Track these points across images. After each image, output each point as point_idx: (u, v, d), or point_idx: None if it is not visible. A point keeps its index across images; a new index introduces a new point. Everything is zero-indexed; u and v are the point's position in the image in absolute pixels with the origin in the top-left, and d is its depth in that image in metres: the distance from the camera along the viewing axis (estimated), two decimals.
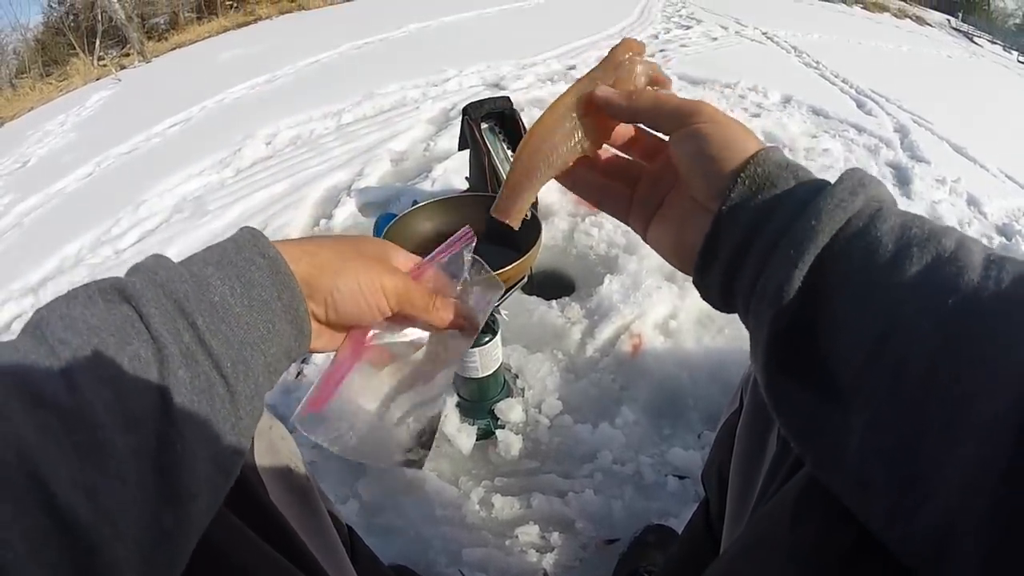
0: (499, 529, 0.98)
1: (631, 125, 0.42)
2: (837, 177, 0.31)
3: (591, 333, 1.30)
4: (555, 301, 1.41)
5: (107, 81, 5.80)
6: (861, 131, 2.52)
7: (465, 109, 1.57)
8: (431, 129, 2.69)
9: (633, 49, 0.40)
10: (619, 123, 0.41)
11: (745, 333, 0.34)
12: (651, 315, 1.31)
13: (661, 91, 0.39)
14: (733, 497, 0.48)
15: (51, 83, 6.64)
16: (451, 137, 2.35)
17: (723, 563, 0.38)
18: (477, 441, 1.10)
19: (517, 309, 1.37)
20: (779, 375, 0.31)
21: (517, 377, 1.22)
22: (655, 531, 0.91)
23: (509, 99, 1.63)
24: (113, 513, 0.26)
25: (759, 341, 0.32)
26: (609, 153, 0.43)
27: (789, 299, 0.30)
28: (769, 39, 4.43)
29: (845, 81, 3.31)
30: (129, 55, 6.93)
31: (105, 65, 6.72)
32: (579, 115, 0.40)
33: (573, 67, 3.48)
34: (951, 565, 0.24)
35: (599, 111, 0.39)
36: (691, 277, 0.37)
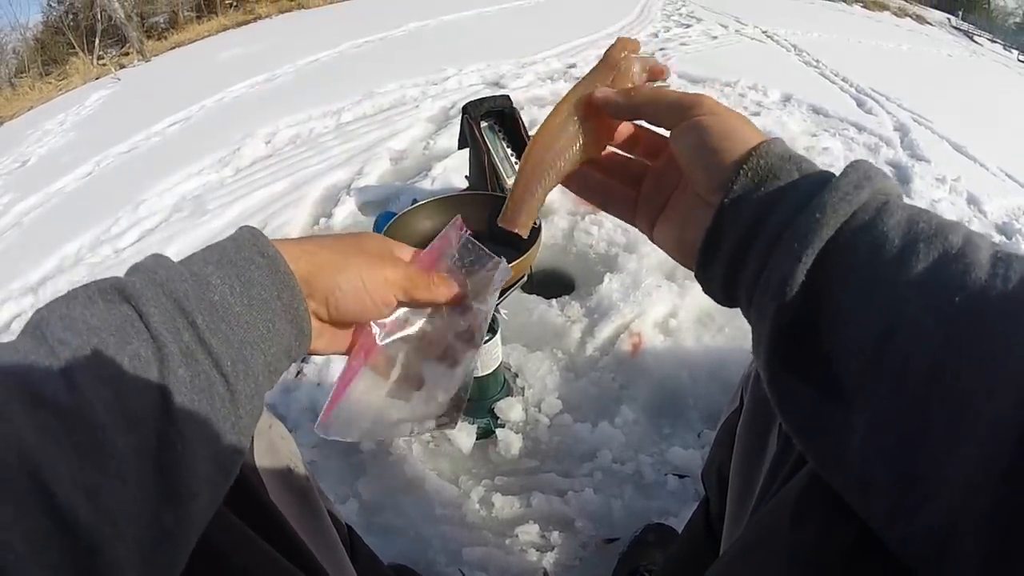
0: (499, 528, 0.98)
1: (632, 124, 0.42)
2: (842, 169, 0.31)
3: (591, 332, 1.30)
4: (555, 300, 1.41)
5: (106, 80, 5.79)
6: (861, 130, 2.52)
7: (465, 108, 1.57)
8: (431, 128, 2.68)
9: (628, 47, 0.40)
10: (621, 123, 0.41)
11: (745, 332, 0.34)
12: (651, 314, 1.31)
13: (660, 86, 0.39)
14: (733, 497, 0.48)
15: (50, 82, 6.63)
16: (451, 136, 2.34)
17: (723, 563, 0.38)
18: (477, 440, 1.10)
19: (517, 308, 1.37)
20: (782, 371, 0.31)
21: (517, 376, 1.22)
22: (655, 530, 0.91)
23: (509, 98, 1.63)
24: (114, 513, 0.26)
25: (762, 336, 0.32)
26: (611, 153, 0.43)
27: (793, 293, 0.29)
28: (769, 37, 4.43)
29: (845, 80, 3.30)
30: (128, 54, 6.93)
31: (104, 64, 6.72)
32: (580, 119, 0.40)
33: (573, 65, 3.48)
34: (951, 565, 0.24)
35: (599, 112, 0.39)
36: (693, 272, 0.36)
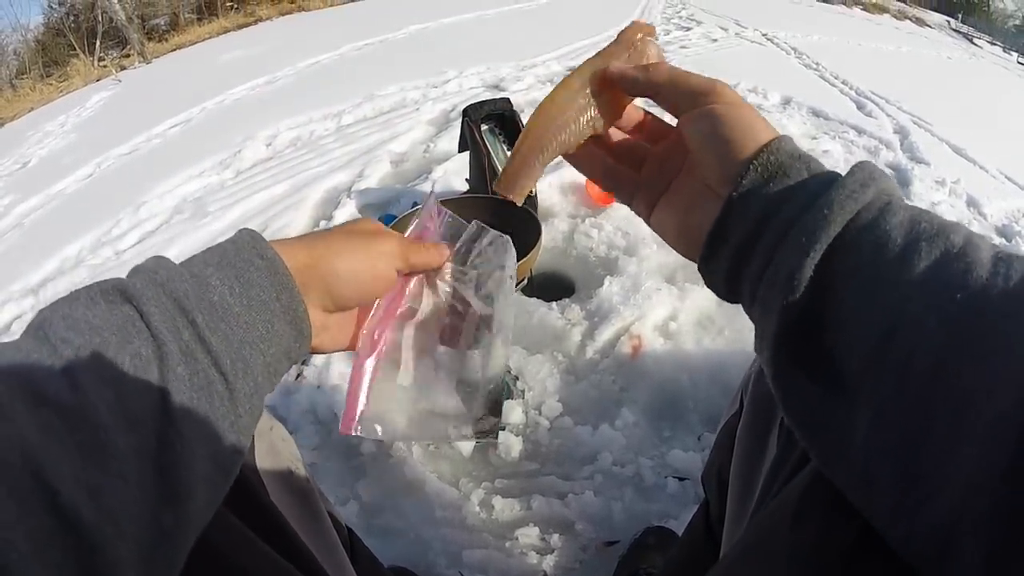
0: (499, 531, 0.98)
1: (640, 109, 0.42)
2: (848, 169, 0.31)
3: (591, 335, 1.30)
4: (555, 303, 1.41)
5: (107, 82, 5.81)
6: (861, 132, 2.53)
7: (465, 111, 1.57)
8: (431, 130, 2.69)
9: (644, 31, 0.40)
10: (631, 101, 0.41)
11: (745, 335, 0.34)
12: (651, 317, 1.31)
13: (677, 67, 0.38)
14: (733, 499, 0.48)
15: (51, 84, 6.65)
16: (451, 139, 2.35)
17: (724, 566, 0.38)
18: (477, 443, 1.10)
19: (517, 311, 1.37)
20: (788, 366, 0.31)
21: (517, 379, 1.22)
22: (655, 533, 0.91)
23: (509, 100, 1.63)
24: (115, 513, 0.26)
25: (767, 331, 0.32)
26: (617, 135, 0.43)
27: (800, 288, 0.29)
28: (769, 40, 4.44)
29: (845, 82, 3.31)
30: (129, 56, 6.95)
31: (105, 66, 6.73)
32: (592, 92, 0.39)
33: (573, 68, 3.48)
34: (954, 564, 0.24)
35: (612, 88, 0.39)
36: (695, 263, 0.36)
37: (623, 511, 0.97)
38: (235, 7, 8.34)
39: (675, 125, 0.40)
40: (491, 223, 0.47)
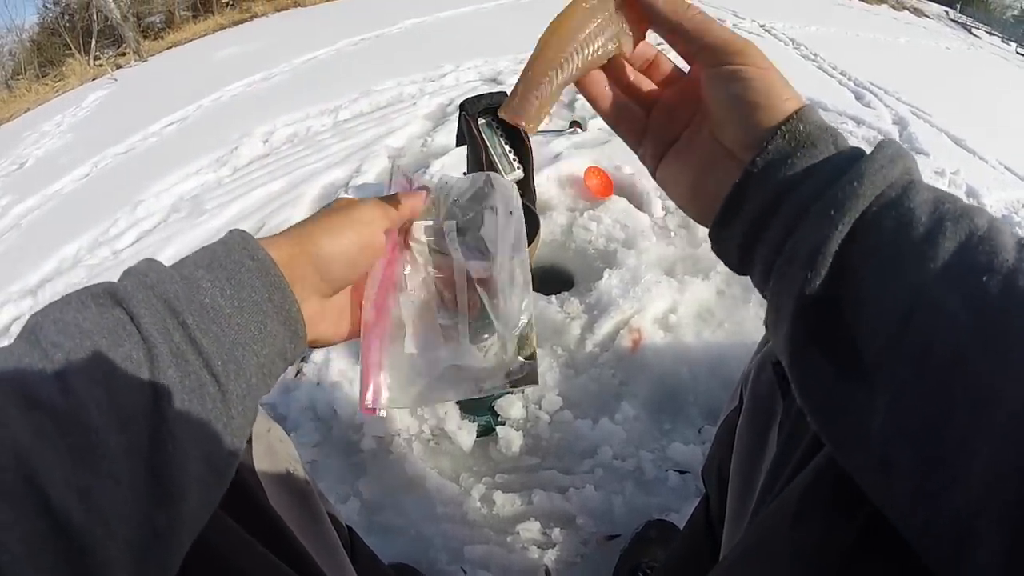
0: (500, 526, 0.98)
1: (652, 46, 0.39)
2: (876, 144, 0.30)
3: (590, 328, 1.30)
4: (554, 296, 1.41)
5: (103, 81, 5.79)
6: (860, 123, 2.51)
7: (462, 105, 1.56)
8: (428, 125, 2.68)
9: None
10: (648, 27, 0.37)
11: (745, 327, 0.33)
12: (650, 309, 1.31)
13: (709, 16, 0.35)
14: (733, 496, 0.48)
15: (47, 84, 6.63)
16: (448, 133, 2.34)
17: (725, 567, 0.38)
18: (477, 438, 1.10)
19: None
20: (807, 343, 0.30)
21: None
22: (656, 526, 0.91)
23: (506, 94, 1.62)
24: (105, 513, 0.26)
25: (783, 307, 0.30)
26: (629, 70, 0.39)
27: (824, 263, 0.28)
28: (767, 31, 4.41)
29: (843, 73, 3.29)
30: (125, 54, 6.93)
31: (101, 65, 6.71)
32: (617, 3, 0.35)
33: None
34: (973, 554, 0.23)
35: (633, 7, 0.36)
36: (705, 226, 0.35)
37: (624, 505, 0.97)
38: (231, 4, 8.30)
39: (688, 72, 0.38)
40: None
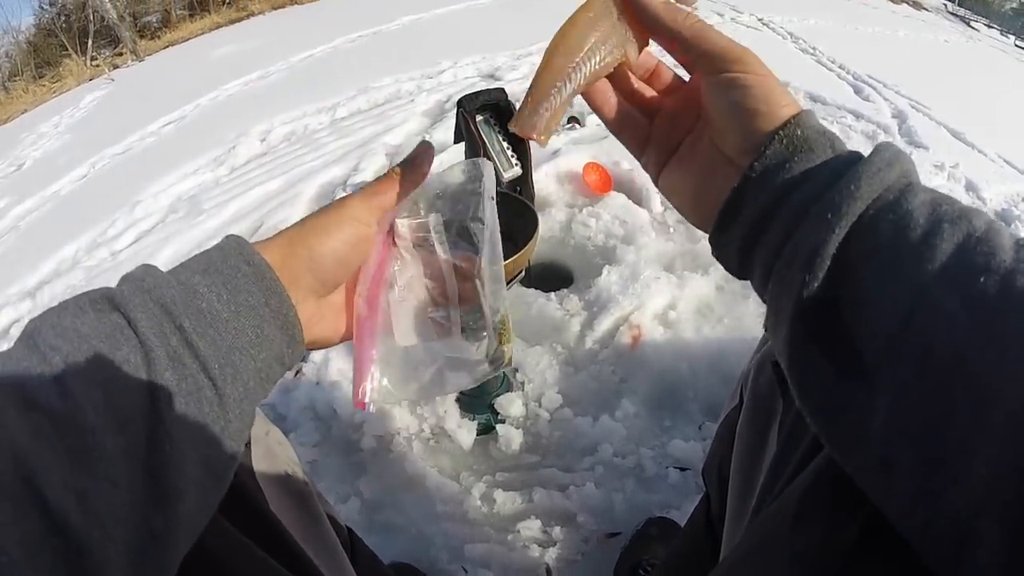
0: (501, 524, 0.98)
1: (653, 56, 0.39)
2: (873, 147, 0.30)
3: (590, 325, 1.29)
4: (553, 293, 1.40)
5: (100, 81, 5.78)
6: (859, 117, 2.51)
7: (460, 101, 1.55)
8: (426, 122, 2.67)
9: None
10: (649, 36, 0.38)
11: (745, 323, 0.33)
12: (650, 306, 1.31)
13: (707, 24, 0.36)
14: (734, 494, 0.48)
15: (44, 85, 6.62)
16: (446, 129, 2.33)
17: (725, 568, 0.38)
18: (477, 436, 1.10)
19: (515, 302, 1.37)
20: (806, 343, 0.30)
21: (516, 371, 1.21)
22: (657, 524, 0.91)
23: (504, 91, 1.61)
24: (102, 515, 0.26)
25: (783, 309, 0.31)
26: (632, 79, 0.40)
27: (823, 265, 0.29)
28: (765, 25, 4.40)
29: (842, 67, 3.28)
30: (122, 54, 6.91)
31: (98, 65, 6.70)
32: (618, 12, 0.35)
33: None
34: (973, 554, 0.23)
35: (632, 12, 0.36)
36: (707, 232, 0.35)
37: (624, 502, 0.97)
38: (227, 2, 8.27)
39: (688, 81, 0.38)
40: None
